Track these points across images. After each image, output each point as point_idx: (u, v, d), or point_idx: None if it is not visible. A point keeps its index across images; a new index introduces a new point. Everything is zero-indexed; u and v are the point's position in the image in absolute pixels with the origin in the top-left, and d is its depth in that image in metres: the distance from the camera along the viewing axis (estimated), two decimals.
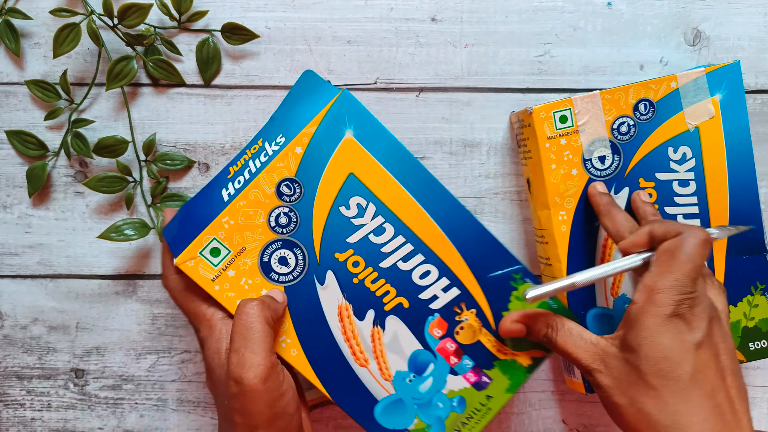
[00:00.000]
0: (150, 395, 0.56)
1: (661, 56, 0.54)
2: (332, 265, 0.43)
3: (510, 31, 0.54)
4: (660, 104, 0.48)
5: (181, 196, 0.54)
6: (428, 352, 0.44)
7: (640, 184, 0.48)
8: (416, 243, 0.44)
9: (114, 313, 0.55)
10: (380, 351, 0.44)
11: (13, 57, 0.53)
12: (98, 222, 0.55)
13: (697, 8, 0.54)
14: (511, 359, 0.45)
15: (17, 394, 0.56)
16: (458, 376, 0.44)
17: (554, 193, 0.48)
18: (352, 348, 0.44)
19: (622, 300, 0.49)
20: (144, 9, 0.49)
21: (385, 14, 0.53)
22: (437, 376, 0.44)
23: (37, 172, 0.53)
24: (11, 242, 0.55)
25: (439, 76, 0.54)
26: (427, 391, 0.44)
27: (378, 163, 0.44)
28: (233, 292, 0.43)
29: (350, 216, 0.44)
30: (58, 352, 0.55)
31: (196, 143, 0.54)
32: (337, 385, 0.43)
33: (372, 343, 0.44)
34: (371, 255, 0.44)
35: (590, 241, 0.49)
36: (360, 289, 0.44)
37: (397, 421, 0.44)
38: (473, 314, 0.45)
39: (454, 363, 0.44)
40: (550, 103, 0.48)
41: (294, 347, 0.43)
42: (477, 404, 0.44)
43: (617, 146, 0.48)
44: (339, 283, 0.44)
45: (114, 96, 0.54)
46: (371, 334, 0.44)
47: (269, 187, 0.43)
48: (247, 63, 0.53)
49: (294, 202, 0.43)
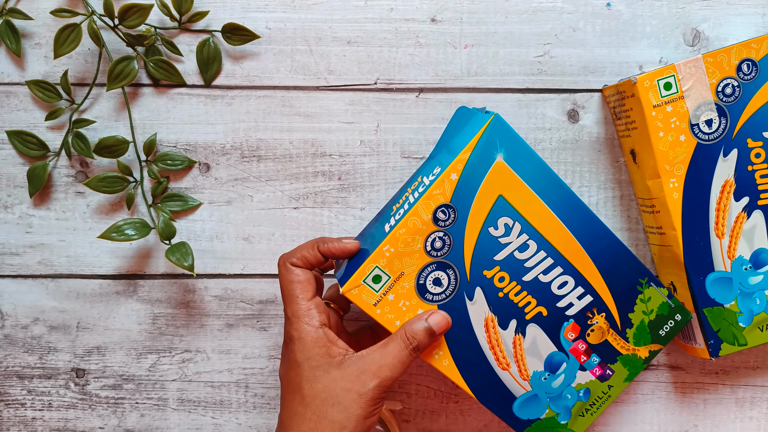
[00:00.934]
0: (150, 395, 0.56)
1: (660, 57, 0.54)
2: (480, 282, 0.46)
3: (510, 32, 0.54)
4: (762, 63, 0.48)
5: (182, 197, 0.54)
6: (562, 353, 0.49)
7: (748, 144, 0.48)
8: (556, 256, 0.47)
9: (115, 313, 0.55)
10: (521, 355, 0.48)
11: (14, 57, 0.53)
12: (99, 222, 0.55)
13: (697, 8, 0.54)
14: (632, 353, 0.49)
15: (18, 393, 0.56)
16: (586, 371, 0.49)
17: (664, 160, 0.48)
18: (495, 354, 0.47)
19: (739, 262, 0.50)
20: (145, 9, 0.49)
21: (385, 15, 0.53)
22: (568, 372, 0.49)
23: (38, 172, 0.53)
24: (12, 242, 0.55)
25: (439, 77, 0.54)
26: (559, 386, 0.49)
27: (524, 184, 0.46)
28: (393, 314, 0.46)
29: (497, 236, 0.46)
30: (59, 351, 0.56)
31: (196, 143, 0.54)
32: (482, 387, 0.48)
33: (513, 348, 0.48)
34: (515, 270, 0.47)
35: (702, 207, 0.49)
36: (504, 301, 0.47)
37: (531, 412, 0.49)
38: (603, 317, 0.49)
39: (583, 361, 0.49)
40: (653, 71, 0.48)
41: (446, 358, 0.47)
42: (600, 393, 0.50)
43: (723, 108, 0.48)
44: (486, 298, 0.47)
45: (115, 96, 0.54)
46: (513, 341, 0.48)
47: (426, 214, 0.45)
48: (248, 63, 0.54)
49: (448, 226, 0.45)
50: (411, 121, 0.54)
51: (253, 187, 0.55)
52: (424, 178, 0.47)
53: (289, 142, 0.54)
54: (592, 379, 0.49)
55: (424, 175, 0.47)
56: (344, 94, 0.54)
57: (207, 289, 0.55)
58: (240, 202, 0.55)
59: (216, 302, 0.55)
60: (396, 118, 0.54)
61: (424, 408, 0.57)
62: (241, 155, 0.54)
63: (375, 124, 0.54)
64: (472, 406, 0.57)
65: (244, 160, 0.54)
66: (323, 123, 0.54)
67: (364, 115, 0.54)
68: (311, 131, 0.54)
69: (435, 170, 0.46)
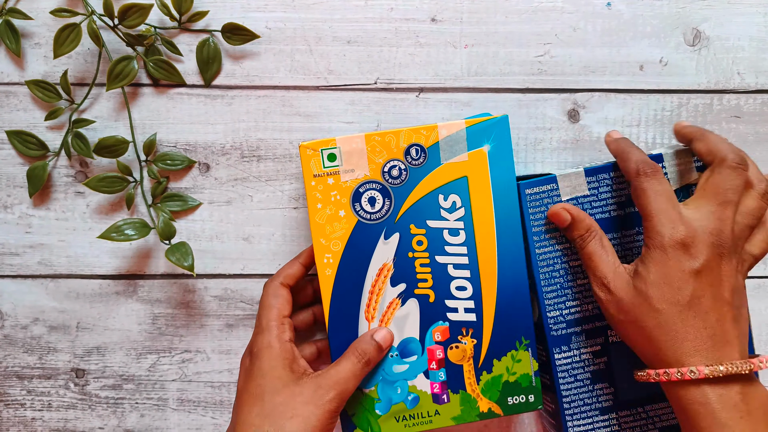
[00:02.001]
0: (150, 395, 0.56)
1: (660, 56, 0.54)
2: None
3: (510, 32, 0.54)
4: (431, 150, 0.47)
5: (182, 197, 0.54)
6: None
7: (411, 230, 0.47)
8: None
9: (114, 313, 0.55)
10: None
11: (13, 57, 0.53)
12: (99, 222, 0.55)
13: (697, 8, 0.54)
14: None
15: (18, 393, 0.56)
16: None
17: (320, 233, 0.47)
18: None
19: None
20: (144, 9, 0.49)
21: (385, 14, 0.53)
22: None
23: (38, 172, 0.53)
24: (12, 242, 0.55)
25: (439, 77, 0.54)
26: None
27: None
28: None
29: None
30: (59, 351, 0.56)
31: (196, 143, 0.54)
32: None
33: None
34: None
35: (356, 287, 0.47)
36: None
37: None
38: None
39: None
40: (318, 140, 0.46)
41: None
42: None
43: (388, 190, 0.47)
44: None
45: (114, 96, 0.54)
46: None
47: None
48: (248, 63, 0.54)
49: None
50: (411, 121, 0.54)
51: (253, 187, 0.54)
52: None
53: (289, 142, 0.54)
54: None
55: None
56: (344, 94, 0.54)
57: (207, 289, 0.55)
58: (240, 202, 0.55)
59: (216, 302, 0.55)
60: (396, 117, 0.54)
61: None
62: (241, 155, 0.54)
63: (375, 124, 0.54)
64: None
65: (244, 160, 0.54)
66: (323, 123, 0.54)
67: (364, 115, 0.54)
68: (311, 131, 0.54)
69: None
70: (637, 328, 0.43)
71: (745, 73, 0.55)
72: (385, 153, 0.47)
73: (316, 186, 0.46)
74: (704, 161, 0.45)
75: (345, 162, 0.46)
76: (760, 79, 0.55)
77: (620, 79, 0.54)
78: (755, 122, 0.55)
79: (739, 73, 0.55)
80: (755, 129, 0.55)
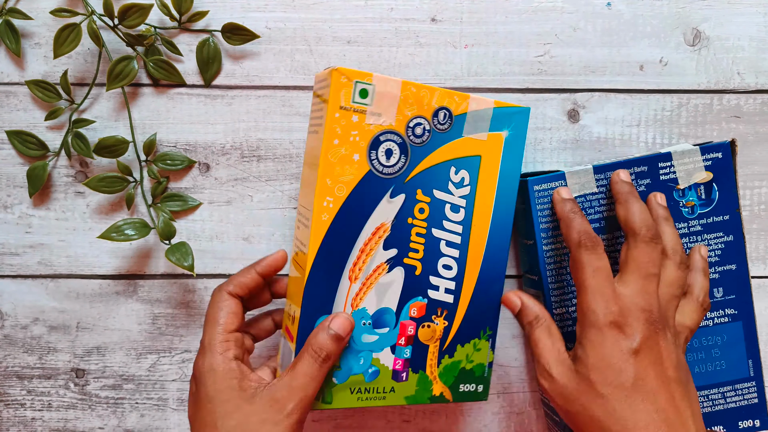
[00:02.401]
0: (150, 395, 0.56)
1: (660, 56, 0.54)
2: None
3: (510, 32, 0.54)
4: (458, 119, 0.45)
5: (182, 196, 0.54)
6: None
7: (417, 195, 0.45)
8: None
9: (114, 313, 0.55)
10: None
11: (13, 57, 0.53)
12: (99, 222, 0.55)
13: (697, 8, 0.54)
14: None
15: (18, 393, 0.56)
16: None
17: (327, 173, 0.42)
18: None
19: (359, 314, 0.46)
20: (144, 9, 0.49)
21: (385, 14, 0.53)
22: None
23: (38, 172, 0.53)
24: (12, 242, 0.55)
25: (439, 77, 0.54)
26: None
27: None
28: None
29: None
30: (59, 351, 0.56)
31: (196, 143, 0.54)
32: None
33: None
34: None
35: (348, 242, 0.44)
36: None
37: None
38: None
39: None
40: (357, 70, 0.42)
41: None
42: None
43: (407, 146, 0.44)
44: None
45: (114, 96, 0.54)
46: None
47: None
48: (248, 63, 0.54)
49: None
50: None
51: (253, 187, 0.54)
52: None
53: (289, 142, 0.54)
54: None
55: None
56: None
57: (207, 289, 0.55)
58: (240, 202, 0.55)
59: None
60: None
61: (424, 408, 0.57)
62: (241, 155, 0.54)
63: None
64: (472, 407, 0.57)
65: (244, 160, 0.54)
66: None
67: None
68: None
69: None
70: (587, 419, 0.41)
71: (745, 73, 0.55)
72: (415, 107, 0.44)
73: (339, 120, 0.42)
74: (622, 228, 0.45)
75: (375, 103, 0.43)
76: (760, 79, 0.55)
77: (620, 79, 0.54)
78: (755, 122, 0.55)
79: (739, 73, 0.55)
80: (755, 129, 0.55)
